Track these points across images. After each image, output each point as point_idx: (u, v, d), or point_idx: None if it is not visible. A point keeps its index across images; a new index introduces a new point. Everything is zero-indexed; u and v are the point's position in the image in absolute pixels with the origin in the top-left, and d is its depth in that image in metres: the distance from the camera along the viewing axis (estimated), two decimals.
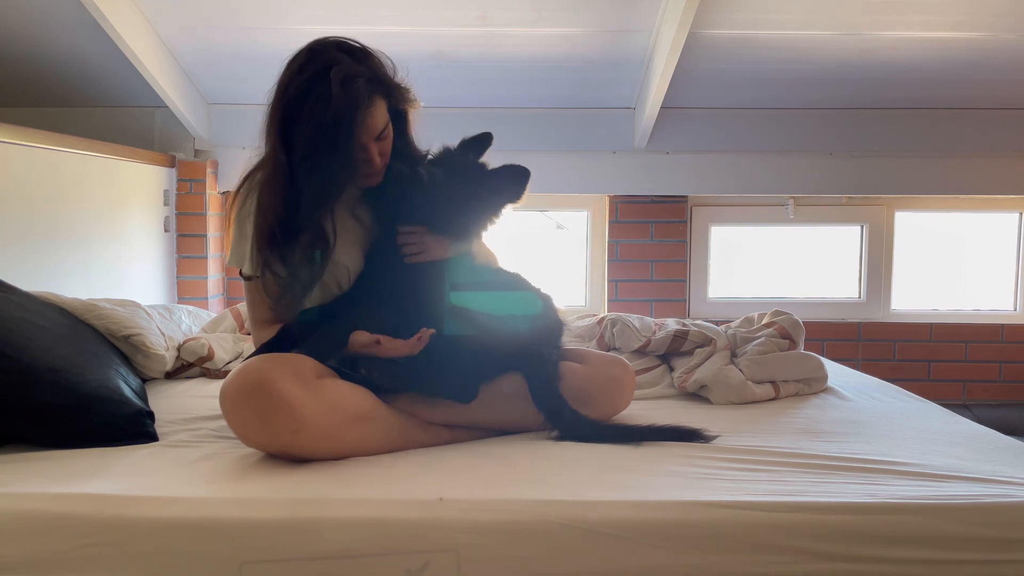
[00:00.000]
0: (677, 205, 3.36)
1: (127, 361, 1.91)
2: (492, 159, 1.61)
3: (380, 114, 1.50)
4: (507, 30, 2.77)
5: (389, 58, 1.55)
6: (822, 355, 2.26)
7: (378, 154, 1.51)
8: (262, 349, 1.52)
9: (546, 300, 1.68)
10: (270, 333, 1.55)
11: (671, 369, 2.05)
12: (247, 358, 1.46)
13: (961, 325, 3.40)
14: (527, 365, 1.56)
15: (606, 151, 3.25)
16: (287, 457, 1.39)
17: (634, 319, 2.16)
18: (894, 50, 2.84)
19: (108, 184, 2.74)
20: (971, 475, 1.32)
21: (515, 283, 1.68)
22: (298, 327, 1.53)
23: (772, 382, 1.93)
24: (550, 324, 1.65)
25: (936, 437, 1.59)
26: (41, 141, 2.35)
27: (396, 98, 1.55)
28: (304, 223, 1.48)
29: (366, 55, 1.52)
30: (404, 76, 1.57)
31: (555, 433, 1.52)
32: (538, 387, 1.54)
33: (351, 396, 1.44)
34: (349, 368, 1.55)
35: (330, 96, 1.41)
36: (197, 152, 3.23)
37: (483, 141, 1.61)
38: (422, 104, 1.62)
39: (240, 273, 1.60)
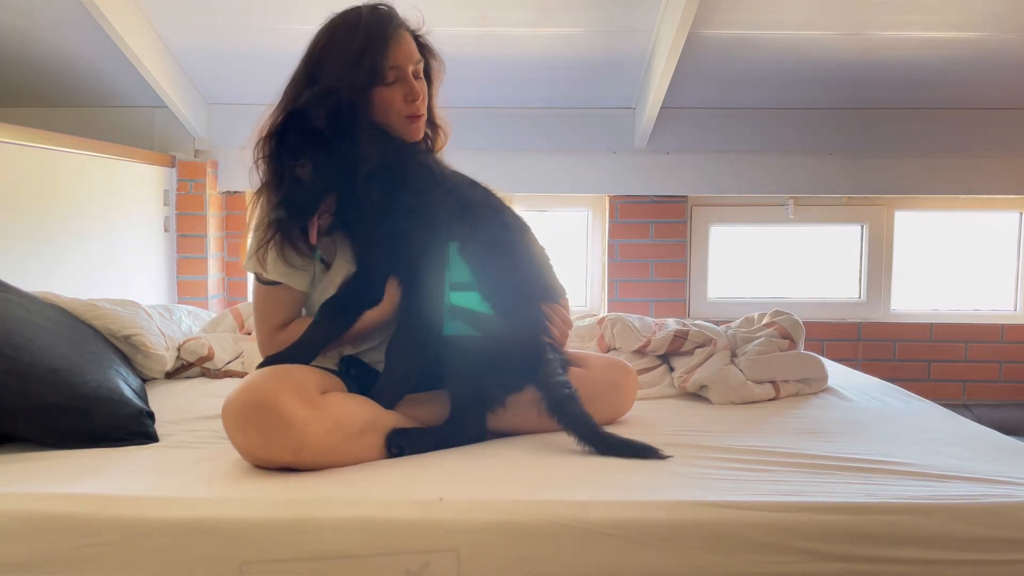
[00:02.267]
0: (677, 205, 3.36)
1: (127, 361, 1.91)
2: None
3: (412, 44, 1.54)
4: (507, 30, 2.77)
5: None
6: (822, 355, 2.26)
7: (420, 95, 1.54)
8: (272, 359, 1.50)
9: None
10: (288, 335, 1.55)
11: (671, 369, 2.05)
12: (259, 366, 1.46)
13: (961, 325, 3.40)
14: (540, 379, 1.52)
15: (606, 151, 3.25)
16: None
17: (634, 319, 2.16)
18: (894, 50, 2.84)
19: (108, 184, 2.74)
20: (971, 475, 1.32)
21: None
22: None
23: (772, 382, 1.93)
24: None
25: (936, 437, 1.59)
26: (41, 141, 2.35)
27: (422, 44, 1.59)
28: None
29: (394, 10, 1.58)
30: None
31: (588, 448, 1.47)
32: (559, 408, 1.49)
33: (356, 410, 1.42)
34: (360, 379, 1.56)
35: (359, 23, 1.49)
36: (197, 152, 3.23)
37: None
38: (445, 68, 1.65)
39: (258, 278, 1.58)
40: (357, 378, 1.56)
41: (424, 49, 1.60)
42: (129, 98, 3.11)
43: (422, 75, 1.58)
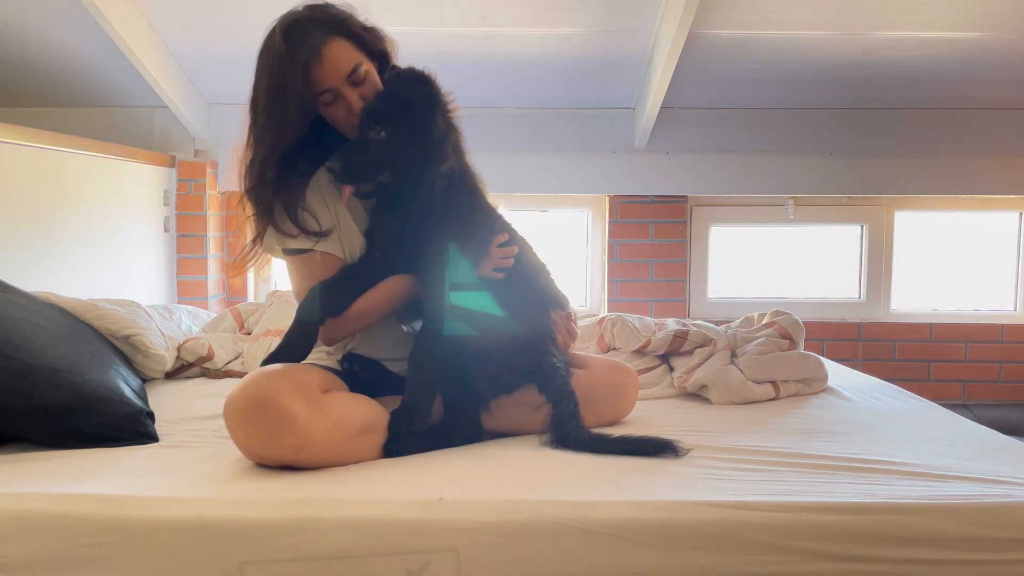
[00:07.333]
0: (677, 205, 3.36)
1: (127, 361, 1.91)
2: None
3: (342, 54, 1.47)
4: (507, 30, 2.77)
5: (352, 6, 1.55)
6: (822, 355, 2.26)
7: (359, 98, 1.49)
8: (272, 358, 1.49)
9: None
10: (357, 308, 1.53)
11: (671, 369, 2.05)
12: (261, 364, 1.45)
13: (961, 325, 3.40)
14: (545, 382, 1.54)
15: (606, 151, 3.25)
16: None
17: (634, 319, 2.16)
18: (894, 50, 2.84)
19: (108, 184, 2.74)
20: (971, 475, 1.32)
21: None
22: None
23: (772, 382, 1.93)
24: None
25: (936, 437, 1.59)
26: (42, 141, 2.35)
27: (362, 38, 1.52)
28: (259, 174, 1.47)
29: (326, 6, 1.52)
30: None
31: (548, 438, 1.50)
32: (560, 413, 1.51)
33: (356, 410, 1.42)
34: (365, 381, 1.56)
35: (275, 54, 1.45)
36: (197, 152, 3.23)
37: None
38: (398, 45, 1.61)
39: (287, 250, 1.55)
40: (359, 374, 1.56)
41: (364, 41, 1.53)
42: (129, 98, 3.11)
43: (363, 73, 1.49)
